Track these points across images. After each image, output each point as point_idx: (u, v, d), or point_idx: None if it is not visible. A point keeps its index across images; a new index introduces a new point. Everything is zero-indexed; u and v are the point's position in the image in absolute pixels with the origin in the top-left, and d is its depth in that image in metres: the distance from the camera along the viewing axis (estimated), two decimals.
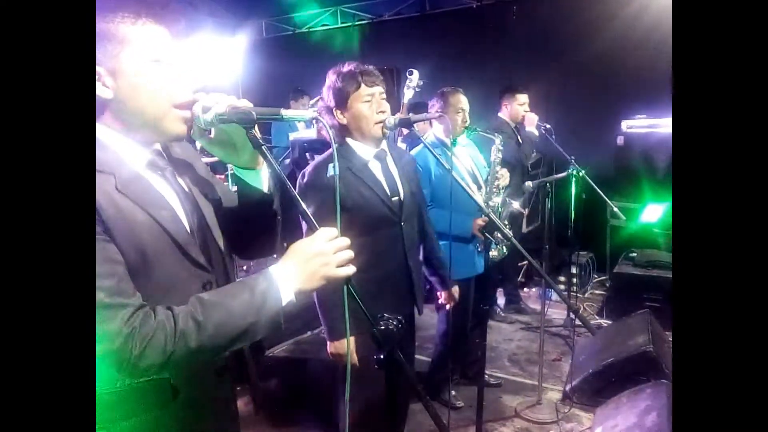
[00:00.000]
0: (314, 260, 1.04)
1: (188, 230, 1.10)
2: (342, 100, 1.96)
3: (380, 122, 1.97)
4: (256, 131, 1.08)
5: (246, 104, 1.07)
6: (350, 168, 1.96)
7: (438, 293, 2.53)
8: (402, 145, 4.01)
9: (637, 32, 4.82)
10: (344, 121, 1.98)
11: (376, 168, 2.04)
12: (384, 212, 2.01)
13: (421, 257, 2.37)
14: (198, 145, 1.20)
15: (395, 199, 2.05)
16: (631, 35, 4.88)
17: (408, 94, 3.72)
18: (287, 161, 4.97)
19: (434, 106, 3.00)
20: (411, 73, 3.71)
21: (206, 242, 1.15)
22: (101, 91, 1.00)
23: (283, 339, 4.00)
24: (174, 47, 1.05)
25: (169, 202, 1.08)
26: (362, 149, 2.01)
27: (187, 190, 1.15)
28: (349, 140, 2.01)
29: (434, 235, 2.49)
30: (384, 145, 2.08)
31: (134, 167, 1.05)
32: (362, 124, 1.96)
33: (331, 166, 1.88)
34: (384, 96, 2.01)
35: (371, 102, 1.95)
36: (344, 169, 1.93)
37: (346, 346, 1.08)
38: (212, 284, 1.12)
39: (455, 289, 2.52)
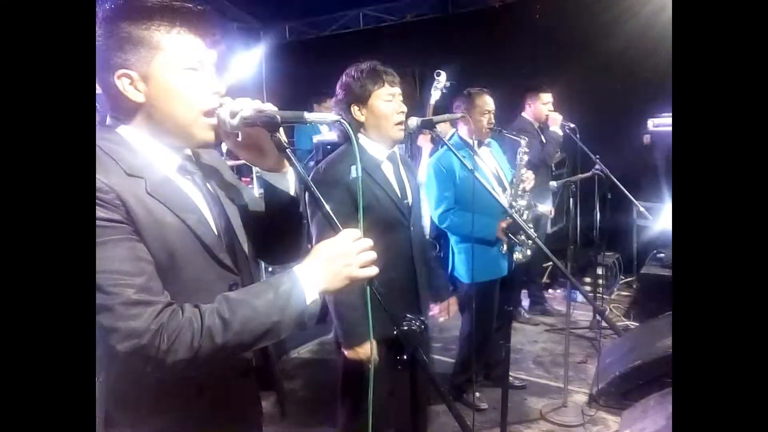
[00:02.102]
0: (338, 260, 1.05)
1: (215, 233, 1.13)
2: (363, 96, 1.94)
3: (399, 123, 1.96)
4: (281, 134, 1.10)
5: (271, 108, 1.09)
6: (364, 168, 1.92)
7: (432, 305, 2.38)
8: (429, 145, 4.03)
9: (662, 28, 4.73)
10: (362, 119, 1.95)
11: (388, 169, 2.02)
12: (395, 215, 1.99)
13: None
14: (224, 148, 1.22)
15: (405, 202, 2.03)
16: (656, 31, 4.78)
17: (435, 96, 3.72)
18: (311, 164, 5.01)
19: (459, 107, 2.99)
20: (439, 75, 3.70)
21: (233, 245, 1.17)
22: (133, 95, 1.03)
23: (308, 340, 4.03)
24: (206, 56, 1.07)
25: (198, 205, 1.11)
26: (376, 149, 1.99)
27: (214, 194, 1.18)
28: (363, 138, 1.98)
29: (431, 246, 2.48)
30: (396, 147, 2.07)
31: (164, 171, 1.08)
32: (382, 123, 1.95)
33: (353, 167, 1.87)
34: (402, 98, 2.00)
35: (392, 102, 1.95)
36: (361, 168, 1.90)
37: (370, 350, 1.09)
38: (238, 286, 1.14)
39: (453, 301, 2.42)
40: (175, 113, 1.05)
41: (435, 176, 2.90)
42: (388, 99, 1.94)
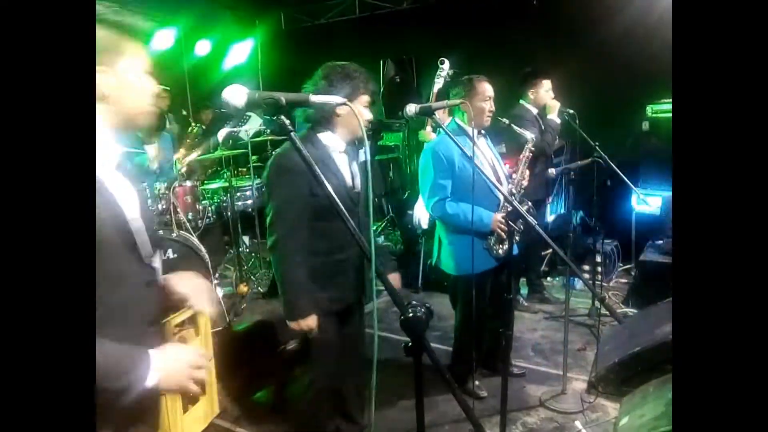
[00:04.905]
0: (176, 367, 1.16)
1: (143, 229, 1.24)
2: (354, 95, 2.08)
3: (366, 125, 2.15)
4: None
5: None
6: (320, 158, 2.07)
7: None
8: (433, 136, 4.03)
9: (662, 14, 4.70)
10: (339, 113, 2.09)
11: (342, 160, 2.17)
12: (346, 202, 2.12)
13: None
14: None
15: (355, 191, 2.21)
16: (656, 17, 4.76)
17: (438, 83, 3.72)
18: None
19: (459, 93, 2.92)
20: (443, 63, 3.70)
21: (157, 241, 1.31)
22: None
23: None
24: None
25: (135, 203, 1.23)
26: (333, 141, 2.14)
27: (143, 192, 1.33)
28: (327, 132, 2.13)
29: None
30: (356, 143, 2.24)
31: (107, 165, 1.17)
32: (353, 123, 2.11)
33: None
34: None
35: (366, 108, 2.14)
36: (314, 157, 2.00)
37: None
38: (154, 282, 1.27)
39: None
40: (135, 103, 1.22)
41: (433, 164, 2.83)
42: (365, 105, 2.13)
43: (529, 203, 2.83)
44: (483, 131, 2.98)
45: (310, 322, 2.06)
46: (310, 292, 2.07)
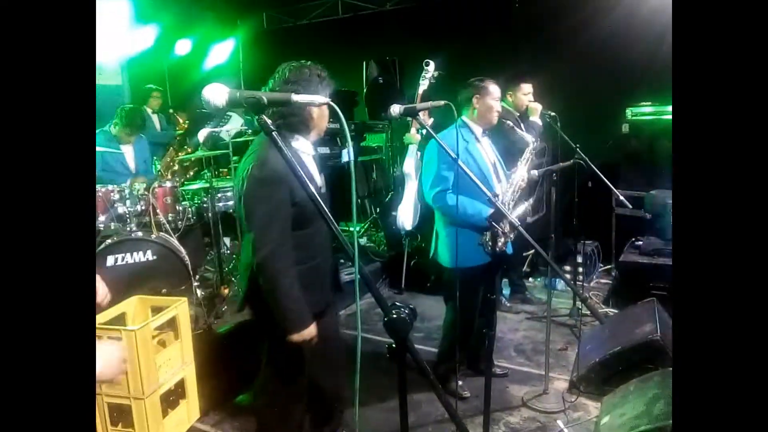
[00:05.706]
0: (113, 360, 1.20)
1: None
2: (325, 96, 2.03)
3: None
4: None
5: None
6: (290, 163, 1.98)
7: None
8: (417, 137, 4.05)
9: (642, 19, 4.78)
10: (314, 115, 2.06)
11: (310, 163, 2.14)
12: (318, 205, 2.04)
13: None
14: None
15: (322, 191, 2.19)
16: (636, 22, 4.83)
17: (423, 85, 3.74)
18: None
19: (470, 93, 2.98)
20: (428, 64, 3.71)
21: None
22: None
23: None
24: None
25: None
26: (303, 145, 2.10)
27: None
28: (297, 135, 2.08)
29: None
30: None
31: None
32: (323, 125, 2.11)
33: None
34: None
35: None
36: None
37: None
38: None
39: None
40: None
41: (437, 156, 2.88)
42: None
43: (527, 203, 2.86)
44: (486, 131, 3.04)
45: (312, 329, 2.00)
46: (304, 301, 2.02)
